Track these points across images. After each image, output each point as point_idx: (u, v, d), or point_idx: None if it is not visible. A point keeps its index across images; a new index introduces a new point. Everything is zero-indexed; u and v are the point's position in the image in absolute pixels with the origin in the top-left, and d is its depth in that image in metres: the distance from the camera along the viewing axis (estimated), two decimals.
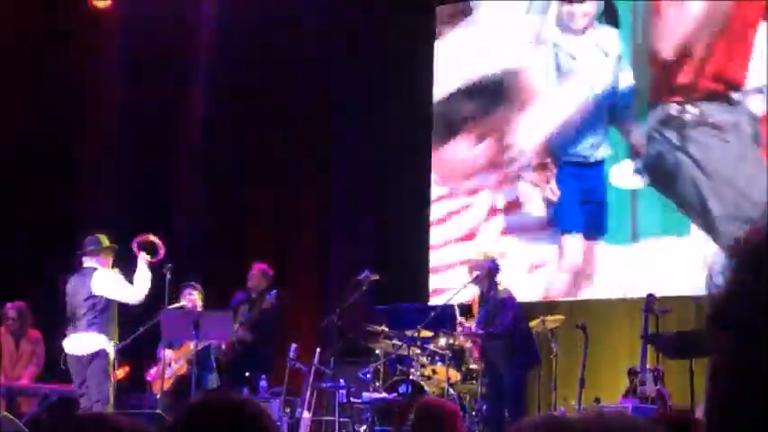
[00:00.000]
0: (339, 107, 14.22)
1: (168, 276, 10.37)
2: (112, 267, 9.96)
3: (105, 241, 10.00)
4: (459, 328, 10.36)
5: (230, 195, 14.18)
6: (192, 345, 10.24)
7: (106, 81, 13.73)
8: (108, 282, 9.85)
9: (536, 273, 12.38)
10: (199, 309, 10.92)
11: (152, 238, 10.24)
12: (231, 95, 14.00)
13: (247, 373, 11.13)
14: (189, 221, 13.73)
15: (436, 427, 5.06)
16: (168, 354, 10.83)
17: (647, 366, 10.30)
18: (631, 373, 10.46)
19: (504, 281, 10.33)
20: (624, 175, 12.09)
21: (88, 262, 9.96)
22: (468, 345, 10.38)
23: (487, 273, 10.12)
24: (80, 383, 9.78)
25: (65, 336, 9.87)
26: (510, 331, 9.88)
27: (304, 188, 14.15)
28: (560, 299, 12.31)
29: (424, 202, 13.51)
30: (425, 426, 5.10)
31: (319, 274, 13.89)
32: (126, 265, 10.01)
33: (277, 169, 14.20)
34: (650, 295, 9.99)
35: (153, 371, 11.05)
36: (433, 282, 13.24)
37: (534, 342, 10.19)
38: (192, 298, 10.98)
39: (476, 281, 10.23)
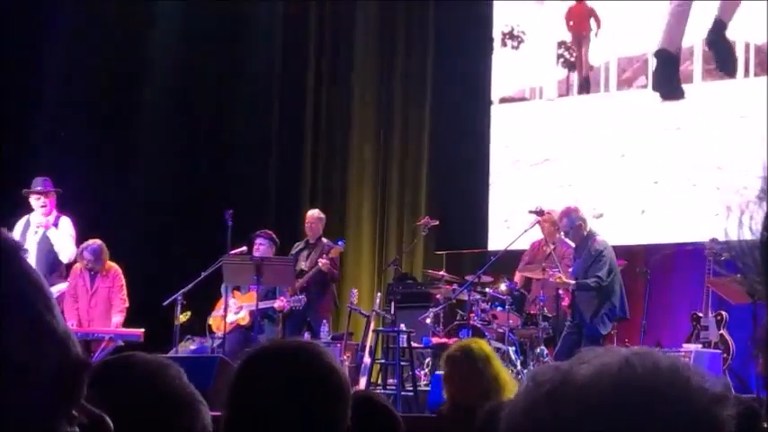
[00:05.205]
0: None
1: (230, 222, 10.47)
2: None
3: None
4: (549, 279, 10.21)
5: (289, 144, 14.22)
6: (255, 295, 10.31)
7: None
8: None
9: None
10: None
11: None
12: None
13: (308, 319, 11.19)
14: (252, 172, 13.78)
15: (466, 373, 4.97)
16: (233, 301, 10.90)
17: (710, 311, 10.23)
18: (694, 318, 10.38)
19: (601, 231, 10.19)
20: None
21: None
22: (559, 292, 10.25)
23: (580, 225, 10.01)
24: None
25: None
26: (604, 284, 9.76)
27: (363, 135, 14.12)
28: (621, 243, 12.20)
29: (485, 145, 13.44)
30: (456, 374, 5.04)
31: (379, 220, 13.89)
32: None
33: (335, 120, 14.20)
34: (713, 239, 9.87)
35: (215, 311, 11.10)
36: (493, 227, 13.19)
37: (624, 296, 10.00)
38: (262, 248, 11.00)
39: (575, 239, 10.13)
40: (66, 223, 10.53)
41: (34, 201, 10.54)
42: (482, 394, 4.79)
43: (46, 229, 10.42)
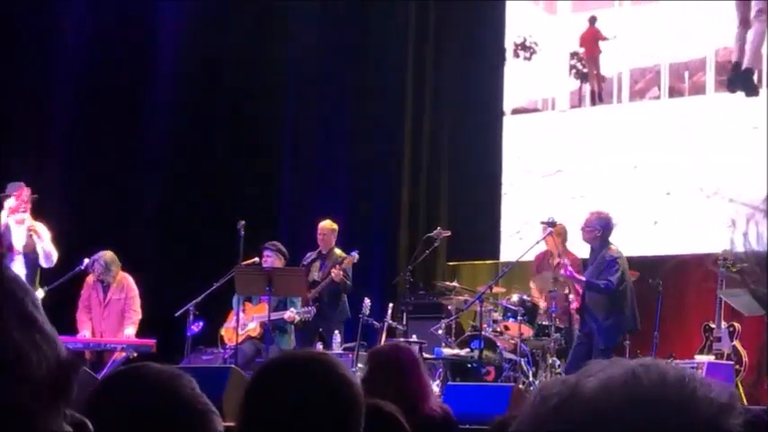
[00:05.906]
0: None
1: (242, 233, 10.48)
2: None
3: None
4: (561, 270, 10.14)
5: (301, 154, 14.23)
6: (266, 306, 10.32)
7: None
8: None
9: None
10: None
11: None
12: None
13: (321, 329, 11.19)
14: (264, 183, 13.80)
15: (392, 374, 4.63)
16: (242, 314, 10.90)
17: (723, 323, 10.19)
18: (707, 329, 10.35)
19: (614, 242, 10.11)
20: None
21: None
22: (569, 298, 10.21)
23: (601, 232, 9.93)
24: None
25: None
26: (614, 289, 9.68)
27: (373, 145, 14.11)
28: (633, 255, 12.18)
29: (497, 156, 13.44)
30: (380, 374, 4.66)
31: (391, 230, 13.87)
32: None
33: (344, 128, 14.20)
34: (726, 250, 9.84)
35: (227, 322, 11.11)
36: (505, 238, 13.19)
37: (635, 307, 9.91)
38: (270, 259, 11.01)
39: (588, 239, 10.03)
40: (44, 227, 10.33)
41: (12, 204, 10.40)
42: (404, 400, 4.59)
43: (27, 228, 10.17)
